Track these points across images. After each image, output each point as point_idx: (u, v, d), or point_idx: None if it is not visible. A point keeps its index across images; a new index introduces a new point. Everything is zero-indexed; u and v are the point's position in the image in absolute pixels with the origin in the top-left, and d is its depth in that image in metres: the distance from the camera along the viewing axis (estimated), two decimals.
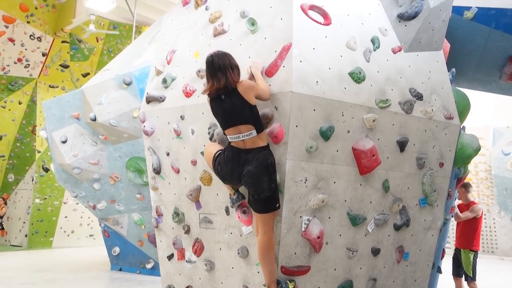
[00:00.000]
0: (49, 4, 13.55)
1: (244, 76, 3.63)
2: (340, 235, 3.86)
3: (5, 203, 12.67)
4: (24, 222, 13.18)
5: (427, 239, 4.52)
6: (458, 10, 5.21)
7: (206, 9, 4.52)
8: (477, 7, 5.27)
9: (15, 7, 12.88)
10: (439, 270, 5.14)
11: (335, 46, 3.85)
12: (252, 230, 3.73)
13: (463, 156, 4.72)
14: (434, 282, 5.12)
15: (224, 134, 3.64)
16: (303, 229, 3.63)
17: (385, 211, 4.13)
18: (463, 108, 4.84)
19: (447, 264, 5.68)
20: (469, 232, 5.69)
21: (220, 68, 3.45)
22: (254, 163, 3.36)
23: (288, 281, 3.56)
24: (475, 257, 5.64)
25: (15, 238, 12.86)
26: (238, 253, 3.83)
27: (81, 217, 13.79)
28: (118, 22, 14.62)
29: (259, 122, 3.47)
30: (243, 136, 3.43)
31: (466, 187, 5.87)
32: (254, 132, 3.41)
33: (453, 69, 4.96)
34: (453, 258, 5.85)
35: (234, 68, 3.50)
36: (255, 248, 3.71)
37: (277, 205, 3.47)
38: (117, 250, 9.10)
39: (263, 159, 3.38)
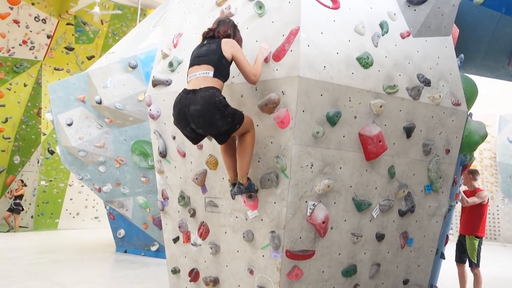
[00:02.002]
0: None
1: (251, 60, 3.61)
2: (345, 220, 3.88)
3: (24, 185, 12.77)
4: (30, 204, 13.33)
5: (432, 225, 4.53)
6: None
7: None
8: None
9: None
10: (442, 256, 5.17)
11: (343, 31, 3.80)
12: (258, 215, 3.76)
13: (470, 143, 4.70)
14: (437, 268, 5.16)
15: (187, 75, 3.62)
16: (308, 214, 3.65)
17: (390, 197, 4.14)
18: (471, 94, 4.81)
19: (450, 250, 5.70)
20: (475, 218, 5.68)
21: (221, 22, 3.69)
22: (200, 101, 3.24)
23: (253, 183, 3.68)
24: (480, 243, 5.65)
25: (21, 219, 13.02)
26: (244, 236, 3.86)
27: (86, 200, 13.94)
28: (123, 4, 14.54)
29: (221, 71, 3.46)
30: (199, 74, 3.43)
31: (474, 174, 5.84)
32: (211, 73, 3.40)
33: (462, 55, 4.91)
34: (457, 244, 5.87)
35: (231, 30, 3.64)
36: (261, 232, 3.74)
37: (238, 126, 3.40)
38: (122, 232, 9.21)
39: (209, 96, 3.25)
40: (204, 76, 3.40)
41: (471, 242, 5.63)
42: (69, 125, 8.33)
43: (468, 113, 4.73)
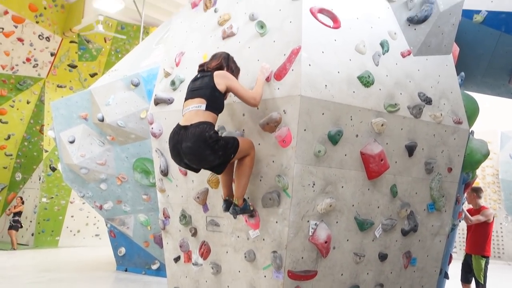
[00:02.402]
0: (58, 5, 13.66)
1: (253, 80, 3.64)
2: (347, 240, 3.85)
3: (22, 202, 12.75)
4: (30, 221, 13.28)
5: (435, 244, 4.49)
6: (467, 14, 5.17)
7: (215, 11, 4.52)
8: (486, 11, 5.22)
9: (25, 7, 13.00)
10: (446, 276, 5.11)
11: (344, 50, 3.83)
12: (259, 234, 3.73)
13: (472, 161, 4.68)
14: None
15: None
16: (310, 234, 3.62)
17: (393, 216, 4.10)
18: (472, 112, 4.81)
19: (454, 269, 5.64)
20: (481, 238, 5.62)
21: (214, 56, 3.74)
22: (191, 138, 3.27)
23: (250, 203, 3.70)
24: (487, 263, 5.58)
25: (21, 237, 12.94)
26: (245, 256, 3.82)
27: (87, 217, 13.88)
28: (126, 22, 14.71)
29: (214, 103, 3.48)
30: (192, 108, 3.45)
31: (477, 191, 5.80)
32: (203, 106, 3.42)
33: (462, 73, 4.93)
34: (462, 264, 5.79)
35: (224, 62, 3.66)
36: (262, 251, 3.71)
37: (233, 155, 3.42)
38: (122, 250, 9.14)
39: (200, 133, 3.27)
40: (196, 110, 3.42)
41: (478, 262, 5.56)
42: (71, 142, 8.34)
43: (470, 131, 4.73)
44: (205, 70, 3.66)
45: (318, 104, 3.56)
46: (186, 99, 3.60)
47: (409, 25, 4.33)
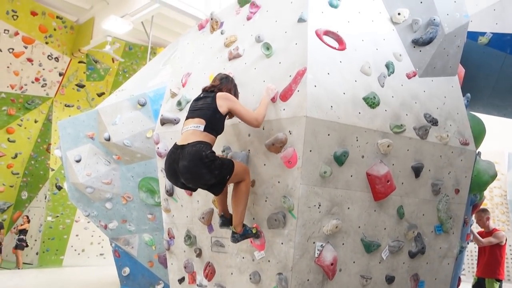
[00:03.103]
0: (67, 26, 13.90)
1: (259, 100, 3.66)
2: (353, 262, 3.80)
3: (28, 221, 12.75)
4: (35, 240, 13.24)
5: (443, 267, 4.42)
6: (472, 36, 5.20)
7: (222, 33, 4.58)
8: (491, 33, 5.26)
9: (35, 28, 13.23)
10: None
11: (349, 71, 3.85)
12: (265, 256, 3.69)
13: (479, 182, 4.65)
14: None
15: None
16: (316, 255, 3.58)
17: (400, 238, 4.06)
18: (479, 133, 4.79)
19: None
20: (494, 261, 5.52)
21: (216, 78, 3.79)
22: (187, 157, 3.29)
23: (251, 227, 3.68)
24: (500, 287, 5.47)
25: (26, 256, 12.89)
26: (250, 278, 3.78)
27: (92, 236, 13.82)
28: (134, 43, 14.92)
29: (214, 125, 3.51)
30: (190, 127, 3.48)
31: (486, 212, 5.73)
32: (202, 126, 3.45)
33: (468, 94, 4.93)
34: (474, 286, 5.68)
35: (226, 86, 3.71)
36: (268, 273, 3.67)
37: (228, 177, 3.43)
38: (127, 270, 9.05)
39: (196, 152, 3.30)
40: (193, 130, 3.45)
41: (491, 286, 5.45)
42: (78, 161, 8.36)
43: (477, 152, 4.70)
44: (207, 91, 3.70)
45: (324, 125, 3.56)
46: (186, 118, 3.64)
47: (414, 46, 4.36)
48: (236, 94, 3.79)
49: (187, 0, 10.09)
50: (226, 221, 3.73)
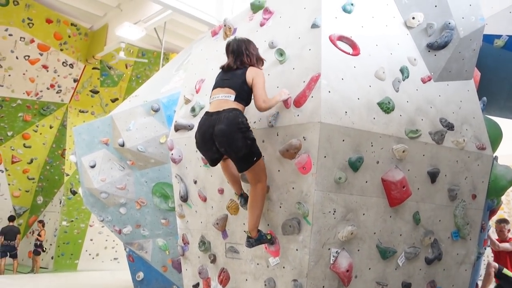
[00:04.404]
0: (82, 33, 14.08)
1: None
2: (369, 269, 3.76)
3: (43, 226, 12.89)
4: (50, 244, 13.39)
5: (460, 274, 4.35)
6: (488, 38, 5.14)
7: None
8: (507, 35, 5.19)
9: (50, 35, 13.44)
10: None
11: (363, 76, 3.83)
12: (279, 262, 3.68)
13: (497, 187, 4.58)
14: None
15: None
16: (331, 262, 3.55)
17: (416, 244, 4.01)
18: (495, 137, 4.73)
19: None
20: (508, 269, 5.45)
21: (233, 52, 3.75)
22: (225, 121, 3.40)
23: (266, 233, 3.68)
24: None
25: (41, 260, 13.03)
26: (265, 284, 3.77)
27: (106, 240, 13.93)
28: (147, 49, 15.04)
29: (243, 95, 3.59)
30: (221, 96, 3.56)
31: (507, 223, 5.66)
32: (232, 96, 3.54)
33: (484, 98, 4.86)
34: None
35: (250, 55, 3.72)
36: (282, 280, 3.65)
37: (255, 158, 3.50)
38: (141, 275, 9.09)
39: (233, 117, 3.42)
40: (225, 99, 3.55)
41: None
42: (92, 167, 8.44)
43: (494, 157, 4.63)
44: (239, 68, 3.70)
45: (338, 130, 3.54)
46: (215, 87, 3.70)
47: (429, 51, 4.32)
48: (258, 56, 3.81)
49: (199, 6, 10.15)
50: (248, 199, 3.77)
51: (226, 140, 3.43)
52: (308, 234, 3.49)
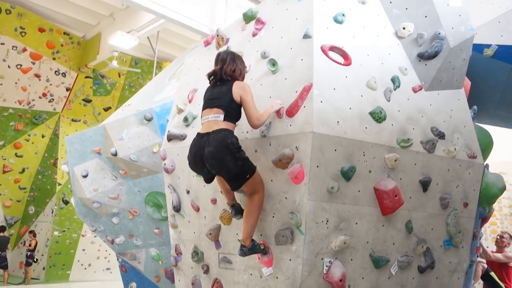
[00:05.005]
0: (74, 42, 14.08)
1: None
2: (362, 278, 3.76)
3: (34, 236, 12.76)
4: (42, 255, 13.25)
5: (453, 282, 4.36)
6: (478, 48, 5.20)
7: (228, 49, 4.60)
8: (497, 45, 5.25)
9: (42, 44, 13.41)
10: None
11: (355, 86, 3.86)
12: (273, 272, 3.67)
13: (488, 196, 4.61)
14: None
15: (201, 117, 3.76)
16: (324, 272, 3.55)
17: (409, 253, 4.02)
18: (486, 145, 4.77)
19: None
20: (501, 280, 5.46)
21: (222, 60, 3.76)
22: (213, 143, 3.41)
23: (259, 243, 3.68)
24: None
25: (33, 271, 12.88)
26: None
27: (99, 250, 13.81)
28: (140, 58, 15.04)
29: (231, 114, 3.59)
30: (211, 117, 3.57)
31: (509, 238, 5.70)
32: (221, 116, 3.54)
33: (475, 107, 4.91)
34: None
35: (236, 66, 3.74)
36: None
37: (248, 175, 3.51)
38: (134, 285, 9.00)
39: (222, 138, 3.42)
40: (214, 120, 3.55)
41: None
42: (85, 176, 8.37)
43: (485, 165, 4.67)
44: (223, 79, 3.71)
45: (331, 140, 3.56)
46: (204, 108, 3.72)
47: (419, 60, 4.36)
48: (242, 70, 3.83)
49: (192, 15, 10.19)
50: (240, 209, 3.80)
51: (216, 162, 3.46)
52: (301, 244, 3.49)
